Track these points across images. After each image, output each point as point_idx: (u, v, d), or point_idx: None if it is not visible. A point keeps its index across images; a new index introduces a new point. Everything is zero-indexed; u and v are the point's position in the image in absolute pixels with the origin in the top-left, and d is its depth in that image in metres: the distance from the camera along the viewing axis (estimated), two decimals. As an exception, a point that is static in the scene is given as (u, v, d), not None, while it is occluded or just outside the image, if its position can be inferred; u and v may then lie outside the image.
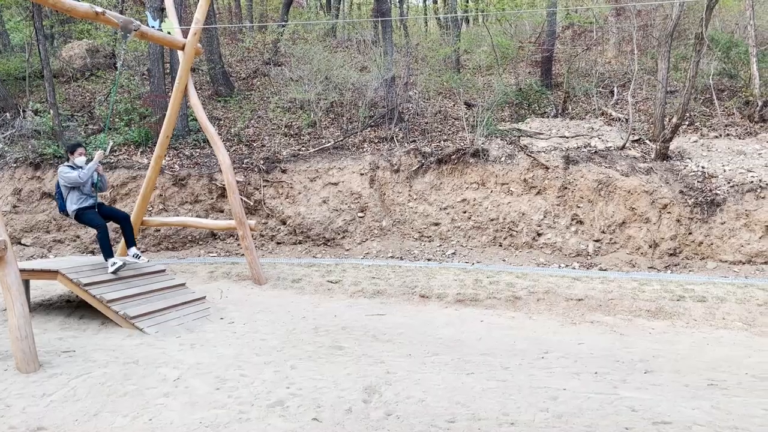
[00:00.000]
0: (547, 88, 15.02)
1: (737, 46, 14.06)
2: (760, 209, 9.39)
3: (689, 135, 12.29)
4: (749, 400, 4.74)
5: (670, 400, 4.71)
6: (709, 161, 10.66)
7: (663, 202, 9.91)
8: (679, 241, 9.67)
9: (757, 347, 6.32)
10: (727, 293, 7.81)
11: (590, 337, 6.69)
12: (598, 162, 10.82)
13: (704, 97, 13.69)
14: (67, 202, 7.13)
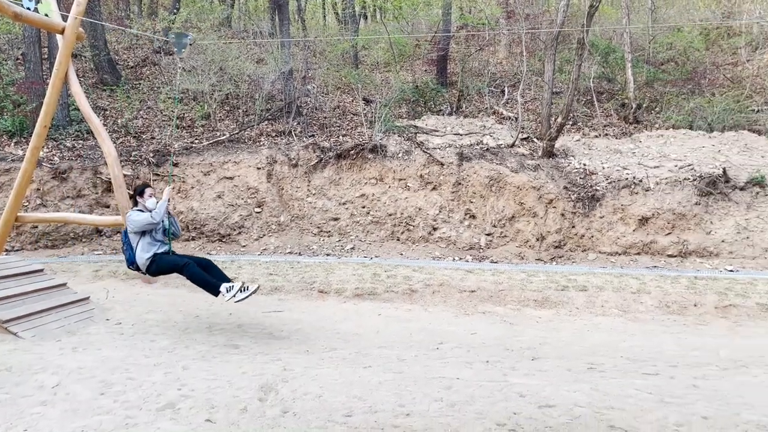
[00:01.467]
0: (442, 86, 15.42)
1: (615, 51, 15.12)
2: (634, 204, 10.14)
3: (573, 134, 13.06)
4: (624, 381, 5.11)
5: (554, 384, 4.98)
6: (590, 159, 11.38)
7: (549, 197, 10.47)
8: (564, 234, 10.26)
9: (630, 332, 6.83)
10: (606, 282, 8.39)
11: (482, 327, 6.95)
12: (489, 159, 11.24)
13: (586, 99, 14.60)
14: (137, 252, 6.22)
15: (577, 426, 4.15)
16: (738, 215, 9.87)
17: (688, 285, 8.23)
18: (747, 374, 5.37)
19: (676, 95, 14.45)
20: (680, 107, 13.75)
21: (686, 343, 6.40)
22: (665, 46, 16.14)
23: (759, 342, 6.48)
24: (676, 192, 10.17)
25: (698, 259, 9.67)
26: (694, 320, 7.35)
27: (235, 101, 13.72)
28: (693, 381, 5.15)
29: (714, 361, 5.79)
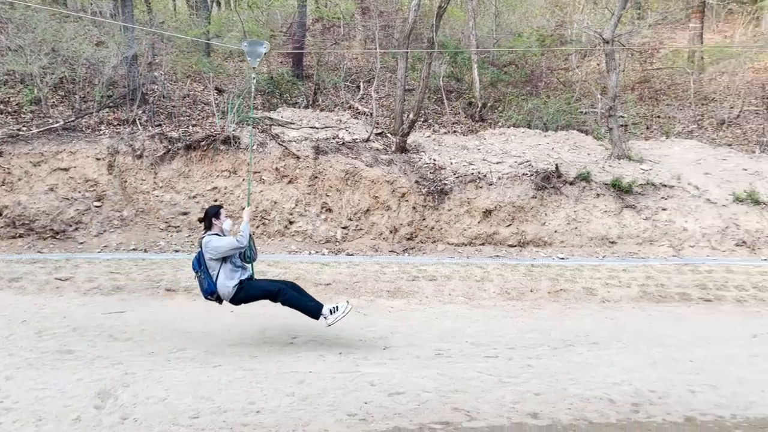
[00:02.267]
0: (298, 78, 15.29)
1: (462, 52, 15.90)
2: (479, 198, 10.76)
3: (424, 130, 13.56)
4: (468, 365, 5.41)
5: (404, 371, 5.15)
6: (439, 155, 11.89)
7: (402, 191, 10.78)
8: (415, 227, 10.63)
9: (475, 318, 7.25)
10: (453, 272, 8.82)
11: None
12: (345, 153, 11.35)
13: (436, 97, 15.21)
14: (220, 280, 5.54)
15: (424, 410, 4.32)
16: (568, 207, 10.83)
17: (526, 272, 8.90)
18: (574, 352, 5.92)
19: (517, 96, 15.52)
20: (520, 107, 14.79)
21: (523, 327, 6.92)
22: (507, 50, 17.28)
23: (584, 322, 7.18)
24: (515, 186, 10.93)
25: (534, 248, 10.48)
26: (531, 305, 7.97)
27: (71, 86, 12.59)
28: (528, 361, 5.57)
29: (546, 341, 6.31)
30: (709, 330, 6.93)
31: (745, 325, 7.19)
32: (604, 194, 10.99)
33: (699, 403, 4.55)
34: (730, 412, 4.37)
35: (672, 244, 10.51)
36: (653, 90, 17.00)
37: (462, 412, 4.29)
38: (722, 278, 8.80)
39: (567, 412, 4.33)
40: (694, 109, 15.47)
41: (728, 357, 5.84)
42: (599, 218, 10.76)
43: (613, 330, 6.85)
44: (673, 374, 5.23)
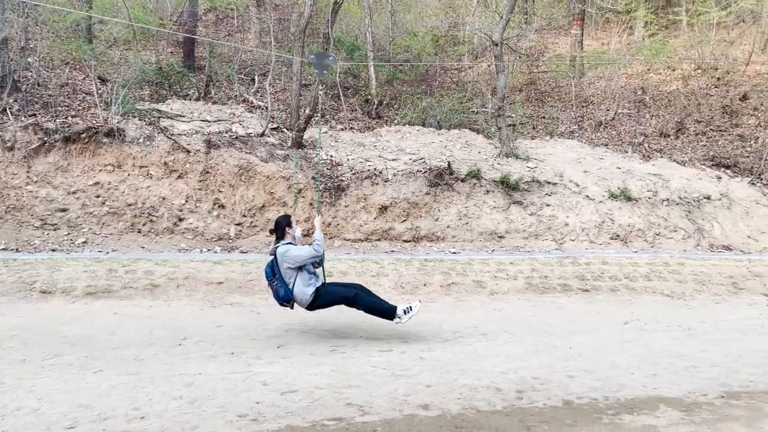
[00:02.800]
0: (189, 70, 14.73)
1: (359, 49, 15.98)
2: (375, 194, 10.87)
3: (320, 126, 13.50)
4: (362, 360, 5.45)
5: (298, 369, 5.10)
6: (336, 151, 11.89)
7: (298, 187, 10.68)
8: (312, 223, 10.57)
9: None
10: (349, 267, 8.85)
11: (230, 319, 6.83)
12: (239, 147, 11.07)
13: (333, 93, 15.19)
14: (297, 288, 5.79)
15: (317, 407, 4.30)
16: (460, 204, 11.19)
17: (420, 267, 9.09)
18: (464, 344, 6.12)
19: (412, 94, 15.83)
20: (415, 105, 15.09)
21: (416, 320, 7.05)
22: (403, 48, 17.56)
23: (474, 314, 7.44)
24: (410, 183, 11.14)
25: (428, 243, 10.75)
26: (424, 298, 8.15)
27: (-72, 69, 11.39)
28: (421, 354, 5.69)
29: (438, 334, 6.49)
30: (586, 318, 7.41)
31: (617, 313, 7.76)
32: (494, 191, 11.45)
33: (576, 388, 4.85)
34: (603, 395, 4.69)
35: (555, 238, 11.14)
36: (539, 92, 17.93)
37: (355, 407, 4.32)
38: (598, 269, 9.43)
39: (456, 402, 4.46)
40: (575, 111, 16.47)
41: (603, 343, 6.27)
42: (489, 214, 11.21)
43: (501, 321, 7.15)
44: (553, 361, 5.54)
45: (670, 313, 7.80)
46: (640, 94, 17.13)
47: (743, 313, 7.94)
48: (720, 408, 4.44)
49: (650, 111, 16.30)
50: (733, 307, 8.26)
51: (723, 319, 7.56)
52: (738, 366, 5.54)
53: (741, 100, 16.40)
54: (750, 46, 19.45)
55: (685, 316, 7.66)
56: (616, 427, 4.06)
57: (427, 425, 4.04)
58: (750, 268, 9.74)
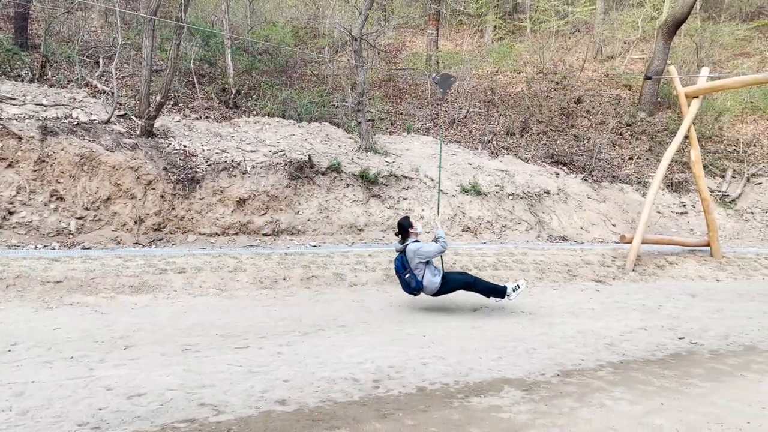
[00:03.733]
0: (21, 48, 13.30)
1: (215, 36, 15.38)
2: (233, 186, 10.55)
3: (173, 114, 12.84)
4: (216, 358, 5.27)
5: (146, 371, 4.82)
6: (190, 141, 11.36)
7: (148, 178, 10.08)
8: (164, 216, 10.03)
9: (226, 309, 7.09)
10: (204, 263, 8.52)
11: (69, 321, 6.29)
12: (81, 135, 10.21)
13: (187, 80, 14.50)
14: (426, 279, 6.91)
15: (168, 410, 4.11)
16: (320, 197, 11.19)
17: (279, 261, 8.97)
18: (323, 336, 6.14)
19: (271, 85, 15.55)
20: (275, 97, 14.84)
21: (276, 315, 6.97)
22: (262, 38, 17.19)
23: (333, 307, 7.48)
24: (270, 175, 10.94)
25: (288, 236, 10.64)
26: (284, 292, 8.07)
27: None
28: (279, 348, 5.63)
29: (297, 328, 6.44)
30: (439, 306, 7.74)
31: (468, 301, 8.18)
32: (353, 184, 11.59)
33: (429, 374, 5.06)
34: (454, 380, 4.93)
35: (411, 230, 11.51)
36: (397, 89, 18.40)
37: (209, 407, 4.17)
38: (451, 260, 9.89)
39: (314, 395, 4.47)
40: (431, 108, 17.12)
41: (454, 330, 6.60)
42: (349, 207, 11.33)
43: (359, 312, 7.26)
44: (408, 349, 5.73)
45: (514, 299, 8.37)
46: (489, 95, 18.18)
47: (576, 297, 8.73)
48: (556, 386, 4.85)
49: (498, 111, 17.37)
50: (568, 292, 9.06)
51: (559, 303, 8.27)
52: (571, 346, 6.09)
53: (576, 104, 17.99)
54: (584, 54, 21.40)
55: (528, 302, 8.27)
56: (465, 409, 4.29)
57: (284, 421, 4.00)
58: (582, 257, 10.73)
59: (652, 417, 4.17)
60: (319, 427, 3.89)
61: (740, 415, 4.24)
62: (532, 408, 4.32)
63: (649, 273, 10.54)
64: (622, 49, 22.87)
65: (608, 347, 6.11)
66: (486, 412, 4.24)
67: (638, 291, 9.33)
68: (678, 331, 6.93)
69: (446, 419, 4.07)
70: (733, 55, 21.60)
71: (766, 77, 10.57)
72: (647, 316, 7.70)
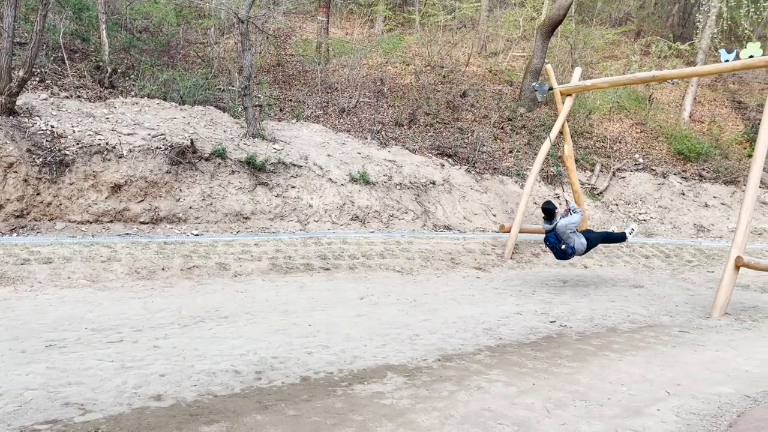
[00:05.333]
0: None
1: (89, 9, 14.31)
2: (107, 171, 9.90)
3: (39, 92, 11.81)
4: (86, 353, 4.93)
5: (3, 370, 4.43)
6: (59, 121, 10.51)
7: (9, 160, 9.22)
8: (27, 202, 9.23)
9: (98, 302, 6.66)
10: (74, 253, 7.94)
11: None
12: (-73, 110, 9.14)
13: (56, 56, 13.38)
14: (577, 243, 8.26)
15: (27, 411, 3.80)
16: (204, 183, 10.78)
17: (158, 250, 8.56)
18: (203, 328, 5.93)
19: (151, 65, 14.71)
20: (155, 78, 14.05)
21: (153, 307, 6.64)
22: (142, 15, 16.20)
23: (216, 297, 7.25)
24: (149, 160, 10.38)
25: (169, 225, 10.16)
26: (162, 283, 7.71)
27: None
28: (155, 342, 5.37)
29: (176, 320, 6.18)
30: (326, 296, 7.73)
31: (355, 289, 8.24)
32: (239, 171, 11.27)
33: (314, 363, 5.03)
34: (338, 368, 4.93)
35: (299, 219, 11.39)
36: (286, 75, 18.07)
37: (74, 406, 3.88)
38: (339, 249, 9.91)
39: (192, 389, 4.30)
40: (321, 96, 16.99)
41: (340, 318, 6.61)
42: (234, 195, 11.00)
43: (243, 302, 7.09)
44: (293, 339, 5.67)
45: (399, 287, 8.54)
46: (379, 85, 18.32)
47: (458, 284, 9.05)
48: (437, 370, 4.99)
49: (388, 101, 17.55)
50: (451, 279, 9.37)
51: (442, 290, 8.53)
52: (452, 332, 6.30)
53: (461, 97, 18.58)
54: (469, 49, 22.13)
55: (412, 289, 8.46)
56: (348, 397, 4.30)
57: (159, 417, 3.82)
58: (464, 245, 11.13)
59: (524, 397, 4.40)
60: (197, 422, 3.75)
61: (601, 392, 4.57)
62: (414, 393, 4.41)
63: (525, 261, 11.13)
64: (504, 46, 23.87)
65: (486, 332, 6.37)
66: (369, 398, 4.27)
67: (515, 278, 9.82)
68: (549, 315, 7.37)
69: (329, 408, 4.06)
70: (603, 57, 23.21)
71: (631, 79, 11.44)
72: (522, 301, 8.12)
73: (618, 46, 24.28)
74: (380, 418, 3.91)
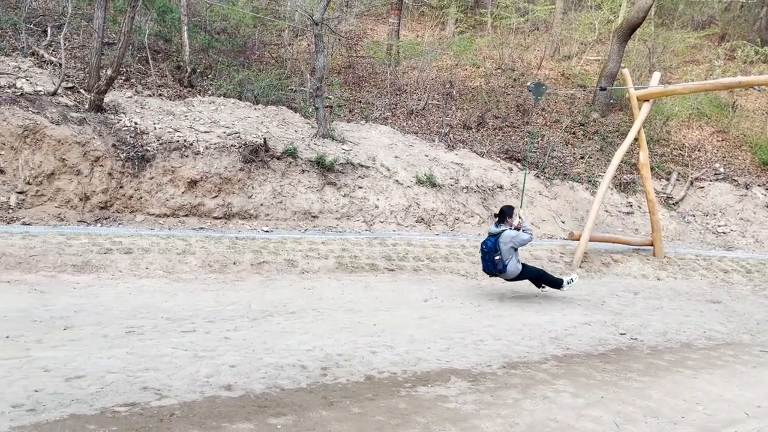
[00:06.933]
0: (-37, 11, 12.64)
1: (172, 12, 14.93)
2: (184, 167, 10.30)
3: (125, 90, 12.43)
4: (161, 341, 5.15)
5: (86, 353, 4.68)
6: (142, 118, 11.03)
7: (96, 154, 9.74)
8: (111, 195, 9.72)
9: (173, 292, 6.94)
10: (152, 244, 8.31)
11: (5, 298, 6.04)
12: (24, 106, 9.77)
13: (141, 56, 14.05)
14: (511, 264, 7.62)
15: (108, 393, 4.00)
16: (275, 182, 11.05)
17: (230, 245, 8.83)
18: (271, 323, 6.07)
19: (228, 65, 15.21)
20: (231, 77, 14.52)
21: (224, 299, 6.86)
22: (221, 17, 16.77)
23: (284, 293, 7.42)
24: (223, 157, 10.74)
25: (240, 220, 10.47)
26: (233, 277, 7.95)
27: None
28: (226, 333, 5.55)
29: (246, 313, 6.36)
30: (390, 296, 7.76)
31: (418, 291, 8.25)
32: (309, 170, 11.48)
33: (378, 362, 5.07)
34: (402, 369, 4.96)
35: (365, 219, 11.50)
36: (357, 76, 18.28)
37: (151, 391, 4.07)
38: (404, 250, 9.94)
39: (261, 382, 4.42)
40: (390, 98, 17.09)
41: (404, 319, 6.63)
42: (303, 193, 11.22)
43: (310, 299, 7.22)
44: (358, 337, 5.74)
45: (463, 291, 8.48)
46: (448, 87, 18.27)
47: (523, 291, 8.90)
48: (501, 377, 4.93)
49: (456, 104, 17.48)
50: (516, 286, 9.22)
51: (508, 297, 8.41)
52: (517, 339, 6.21)
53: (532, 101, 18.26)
54: (542, 52, 21.72)
55: (477, 294, 8.39)
56: (412, 398, 4.32)
57: (230, 406, 3.95)
58: (531, 252, 10.93)
59: (592, 409, 4.29)
60: (265, 414, 3.86)
61: (675, 410, 4.40)
62: (478, 398, 4.38)
63: (594, 270, 10.83)
64: (578, 49, 23.31)
65: (553, 341, 6.25)
66: (432, 401, 4.28)
67: (584, 287, 9.57)
68: (620, 327, 7.15)
69: (393, 408, 4.09)
70: (683, 61, 22.29)
71: (714, 84, 10.95)
72: (591, 311, 7.91)
73: (700, 51, 23.25)
74: (443, 422, 3.91)
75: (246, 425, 3.67)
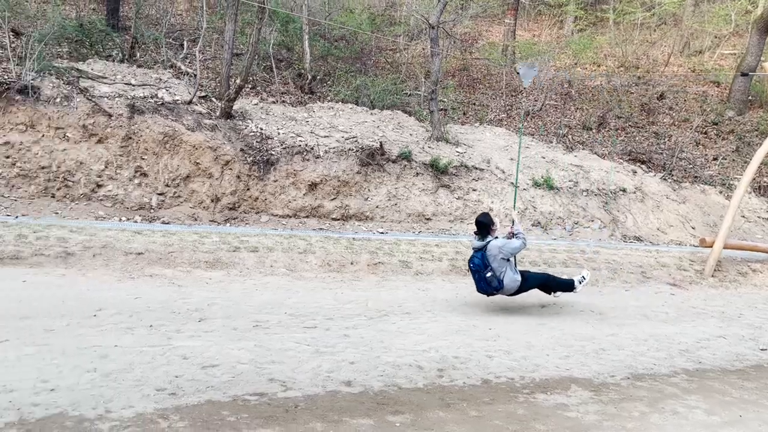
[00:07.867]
0: (113, 29, 13.95)
1: (294, 22, 15.63)
2: (305, 170, 10.75)
3: (251, 98, 13.17)
4: (285, 336, 5.41)
5: (219, 344, 5.02)
6: (266, 124, 11.64)
7: (226, 158, 10.41)
8: (238, 196, 10.35)
9: (295, 290, 7.26)
10: (276, 243, 8.74)
11: (148, 291, 6.61)
12: (165, 114, 10.64)
13: (266, 65, 14.83)
14: (507, 277, 6.54)
15: (239, 382, 4.26)
16: (390, 184, 11.24)
17: (347, 245, 9.09)
18: (387, 322, 6.19)
19: (346, 72, 15.68)
20: (349, 83, 14.96)
21: (343, 298, 7.08)
22: (339, 24, 17.34)
23: (399, 293, 7.53)
24: (341, 161, 11.08)
25: (357, 222, 10.76)
26: (351, 276, 8.18)
27: None
28: (345, 331, 5.72)
29: (363, 312, 6.53)
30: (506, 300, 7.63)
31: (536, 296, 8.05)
32: (423, 173, 11.57)
33: (494, 367, 5.02)
34: (519, 374, 4.88)
35: (480, 222, 11.39)
36: (471, 78, 18.18)
37: (277, 383, 4.30)
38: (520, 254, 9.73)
39: (379, 379, 4.52)
40: (505, 99, 16.84)
41: (521, 325, 6.51)
42: (417, 196, 11.33)
43: (425, 300, 7.27)
44: (473, 340, 5.71)
45: (584, 298, 8.17)
46: (566, 87, 17.70)
47: (649, 300, 8.43)
48: (626, 389, 4.72)
49: (575, 104, 16.89)
50: (641, 294, 8.76)
51: (631, 305, 8.01)
52: (643, 349, 5.90)
53: (658, 99, 17.26)
54: (670, 48, 20.47)
55: (598, 301, 8.06)
56: (530, 405, 4.24)
57: (350, 401, 4.07)
58: (657, 259, 10.34)
59: (729, 428, 4.00)
60: (384, 411, 3.94)
61: (826, 435, 4.01)
62: (601, 409, 4.22)
63: (730, 279, 10.05)
64: (711, 43, 21.72)
65: (683, 353, 5.88)
66: (552, 409, 4.17)
67: (717, 297, 8.91)
68: (760, 341, 6.59)
69: (511, 413, 4.04)
70: (835, 53, 20.11)
71: None
72: (726, 324, 7.35)
73: None
74: (564, 431, 3.80)
75: (366, 421, 3.78)
